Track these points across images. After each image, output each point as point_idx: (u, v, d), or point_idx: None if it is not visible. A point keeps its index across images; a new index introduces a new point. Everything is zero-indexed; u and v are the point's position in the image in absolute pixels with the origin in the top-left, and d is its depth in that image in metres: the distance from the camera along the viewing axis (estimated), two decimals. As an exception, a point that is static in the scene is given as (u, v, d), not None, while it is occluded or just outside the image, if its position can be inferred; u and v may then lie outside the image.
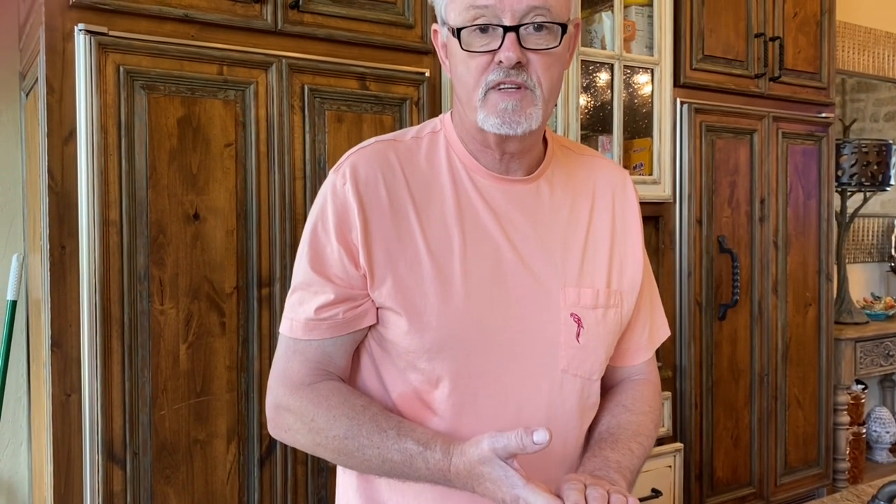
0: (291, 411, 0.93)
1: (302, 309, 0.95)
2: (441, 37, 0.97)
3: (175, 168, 1.66)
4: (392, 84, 1.92)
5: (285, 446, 1.80)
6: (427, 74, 1.96)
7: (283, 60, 1.78)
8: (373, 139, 1.01)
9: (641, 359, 1.10)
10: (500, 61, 0.88)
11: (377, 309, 0.95)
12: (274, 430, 0.98)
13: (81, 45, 1.56)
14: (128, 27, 1.62)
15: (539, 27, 0.89)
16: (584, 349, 0.95)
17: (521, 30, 0.88)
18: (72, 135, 1.58)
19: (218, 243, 1.72)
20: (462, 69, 0.91)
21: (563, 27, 0.90)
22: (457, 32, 0.89)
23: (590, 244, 0.99)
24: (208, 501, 1.71)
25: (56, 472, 1.59)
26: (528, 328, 0.93)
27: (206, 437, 1.71)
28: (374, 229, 0.93)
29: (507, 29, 0.87)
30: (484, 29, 0.88)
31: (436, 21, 0.98)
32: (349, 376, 1.00)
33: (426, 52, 1.98)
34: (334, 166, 0.99)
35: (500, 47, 0.88)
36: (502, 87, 0.89)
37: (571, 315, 0.95)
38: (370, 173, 0.95)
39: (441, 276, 0.91)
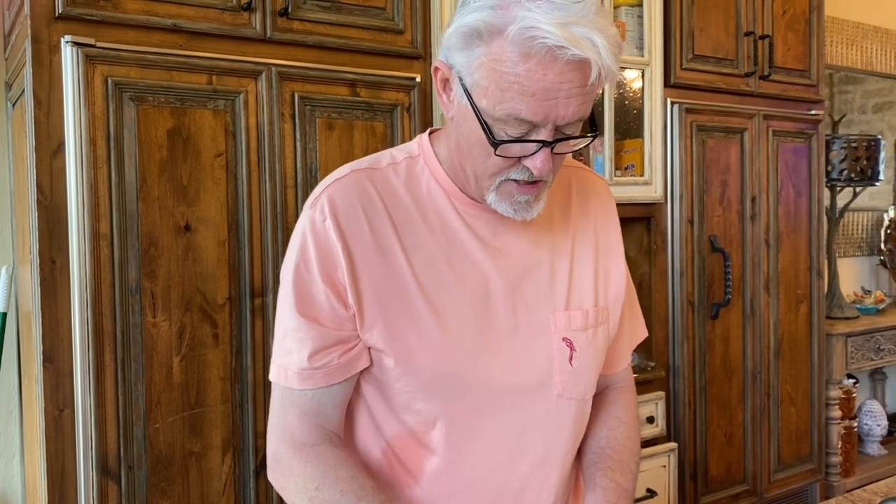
0: (294, 473, 0.90)
1: (293, 358, 0.90)
2: (452, 84, 0.87)
3: (165, 179, 1.65)
4: (383, 90, 1.91)
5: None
6: (418, 80, 1.95)
7: (273, 68, 1.77)
8: (347, 168, 0.96)
9: (623, 365, 1.10)
10: (528, 167, 0.83)
11: (369, 349, 0.92)
12: (273, 480, 0.95)
13: (68, 57, 1.54)
14: (115, 38, 1.60)
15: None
16: (577, 372, 0.95)
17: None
18: (60, 148, 1.56)
19: (210, 254, 1.70)
20: (480, 149, 0.85)
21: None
22: (485, 123, 0.82)
23: (576, 264, 0.98)
24: (204, 513, 1.71)
25: (50, 488, 1.58)
26: (522, 357, 0.92)
27: (201, 450, 1.70)
28: (360, 267, 0.89)
29: (545, 143, 0.82)
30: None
31: (443, 61, 0.87)
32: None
33: (416, 56, 1.97)
34: (309, 200, 0.94)
35: (531, 154, 0.83)
36: (521, 181, 0.86)
37: (563, 339, 0.94)
38: (350, 207, 0.90)
39: (434, 314, 0.88)
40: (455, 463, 0.91)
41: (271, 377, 0.94)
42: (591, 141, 0.88)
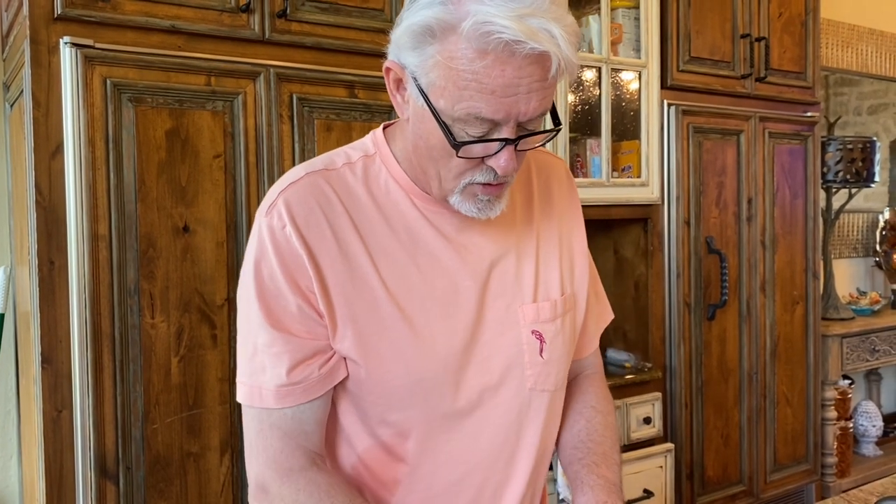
0: (286, 501, 0.84)
1: (268, 375, 0.85)
2: (405, 84, 0.84)
3: (164, 181, 1.65)
4: (380, 92, 1.91)
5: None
6: (416, 81, 1.96)
7: (271, 70, 1.77)
8: (300, 170, 0.90)
9: (592, 349, 1.09)
10: (492, 167, 0.81)
11: (345, 359, 0.88)
12: None
13: (67, 58, 1.54)
14: (114, 39, 1.61)
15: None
16: (548, 363, 0.93)
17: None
18: (59, 149, 1.56)
19: (208, 255, 1.71)
20: (441, 151, 0.82)
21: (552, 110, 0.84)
22: (444, 124, 0.79)
23: (541, 254, 0.95)
24: (202, 514, 1.71)
25: (48, 489, 1.58)
26: (493, 354, 0.90)
27: (199, 450, 1.70)
28: (327, 274, 0.85)
29: (508, 141, 0.79)
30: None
31: (395, 61, 0.83)
32: None
33: (414, 58, 1.97)
34: (263, 207, 0.88)
35: (494, 153, 0.80)
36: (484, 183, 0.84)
37: (533, 332, 0.92)
38: (309, 211, 0.85)
39: (404, 320, 0.86)
40: (431, 471, 0.89)
41: (240, 398, 0.88)
42: (555, 135, 0.85)
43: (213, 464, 1.72)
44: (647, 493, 2.41)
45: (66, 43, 1.54)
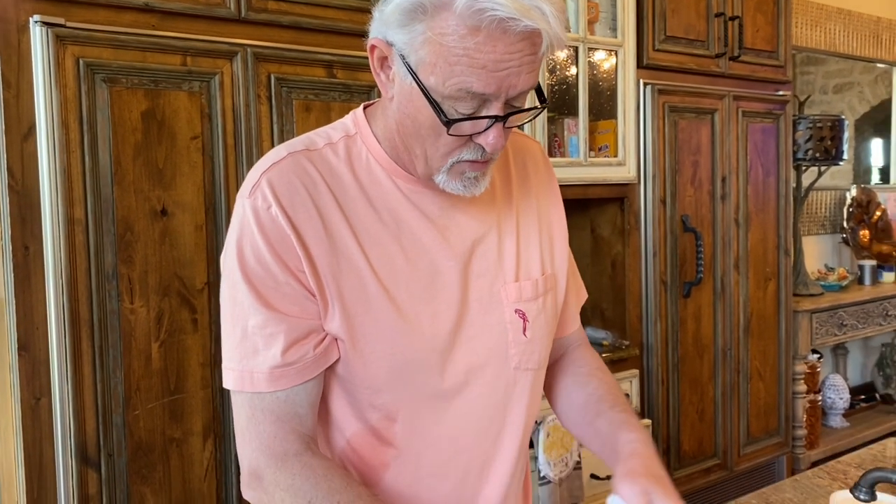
0: (281, 488, 0.82)
1: (261, 357, 0.83)
2: (391, 63, 0.83)
3: (140, 163, 1.62)
4: (359, 71, 1.89)
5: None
6: (394, 61, 1.94)
7: (248, 49, 1.74)
8: (282, 150, 0.89)
9: (576, 326, 1.11)
10: (480, 145, 0.82)
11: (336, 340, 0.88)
12: (251, 497, 0.87)
13: (38, 37, 1.50)
14: (86, 18, 1.56)
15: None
16: (531, 342, 0.94)
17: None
18: (31, 131, 1.52)
19: (187, 239, 1.68)
20: (429, 130, 0.82)
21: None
22: (434, 102, 0.79)
23: (521, 233, 0.96)
24: (186, 500, 1.70)
25: (28, 477, 1.55)
26: (478, 334, 0.90)
27: (181, 436, 1.68)
28: (315, 255, 0.84)
29: (497, 118, 0.80)
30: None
31: (380, 39, 0.82)
32: None
33: (393, 37, 1.95)
34: (245, 188, 0.87)
35: (484, 130, 0.80)
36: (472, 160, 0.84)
37: (516, 311, 0.92)
38: (294, 191, 0.84)
39: (389, 300, 0.86)
40: (419, 453, 0.89)
41: (229, 385, 0.86)
42: (541, 112, 0.86)
43: (196, 449, 1.71)
44: (626, 469, 2.44)
45: (35, 21, 1.50)
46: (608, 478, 2.38)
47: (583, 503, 2.31)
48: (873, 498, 0.90)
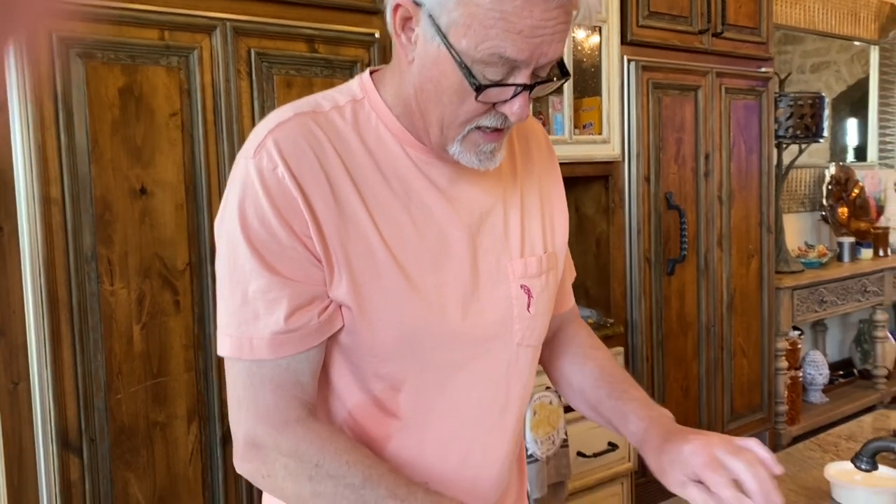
0: (284, 454, 0.80)
1: (262, 323, 0.79)
2: (415, 24, 0.80)
3: (118, 140, 1.57)
4: (342, 46, 1.85)
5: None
6: (377, 35, 1.90)
7: (228, 23, 1.69)
8: (288, 109, 0.85)
9: (572, 303, 1.11)
10: (503, 113, 0.80)
11: (340, 308, 0.85)
12: (249, 470, 0.83)
13: (8, 9, 1.44)
14: (58, -10, 1.51)
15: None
16: (535, 318, 0.93)
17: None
18: (2, 108, 1.47)
19: (167, 218, 1.64)
20: (452, 95, 0.79)
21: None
22: (464, 66, 0.76)
23: (526, 211, 0.95)
24: (171, 484, 1.67)
25: (7, 464, 1.52)
26: (485, 308, 0.89)
27: (165, 419, 1.65)
28: (322, 219, 0.80)
29: (525, 86, 0.78)
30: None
31: None
32: None
33: (375, 11, 1.91)
34: (249, 147, 0.83)
35: (509, 98, 0.78)
36: (489, 129, 0.81)
37: (522, 287, 0.91)
38: (301, 153, 0.81)
39: (398, 269, 0.83)
40: (423, 425, 0.87)
41: (225, 352, 0.81)
42: (565, 82, 0.85)
43: (181, 432, 1.67)
44: (612, 446, 2.45)
45: (6, -7, 1.44)
46: (595, 455, 2.39)
47: (569, 481, 2.31)
48: (874, 467, 0.89)
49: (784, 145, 3.58)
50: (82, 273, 1.54)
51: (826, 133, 3.61)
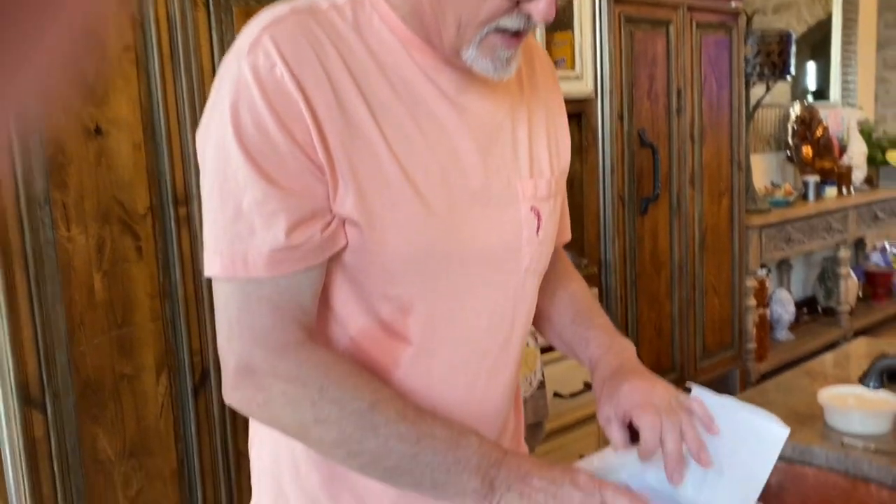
0: (282, 379, 0.73)
1: (259, 239, 0.72)
2: None
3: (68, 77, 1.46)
4: (304, -25, 1.75)
5: (219, 373, 1.70)
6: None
7: (181, -51, 1.58)
8: (285, 8, 0.76)
9: (569, 235, 1.06)
10: (528, 13, 0.74)
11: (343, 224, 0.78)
12: (241, 398, 0.76)
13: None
14: None
15: None
16: (542, 244, 0.89)
17: None
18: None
19: (125, 160, 1.54)
20: None
21: None
22: None
23: (533, 129, 0.89)
24: (141, 438, 1.61)
25: (-34, 423, 1.44)
26: (496, 228, 0.84)
27: (133, 371, 1.58)
28: (325, 125, 0.73)
29: None
30: None
31: None
32: None
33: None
34: (242, 45, 0.74)
35: None
36: (509, 32, 0.75)
37: (532, 209, 0.86)
38: (302, 52, 0.73)
39: (407, 181, 0.77)
40: (431, 351, 0.82)
41: (215, 271, 0.74)
42: None
43: (150, 385, 1.61)
44: (588, 387, 2.44)
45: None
46: (572, 395, 2.38)
47: (546, 421, 2.30)
48: (882, 385, 0.87)
49: (752, 83, 3.56)
50: (35, 219, 1.44)
51: (793, 70, 3.59)
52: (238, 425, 1.73)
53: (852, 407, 1.11)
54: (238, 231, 0.73)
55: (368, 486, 0.82)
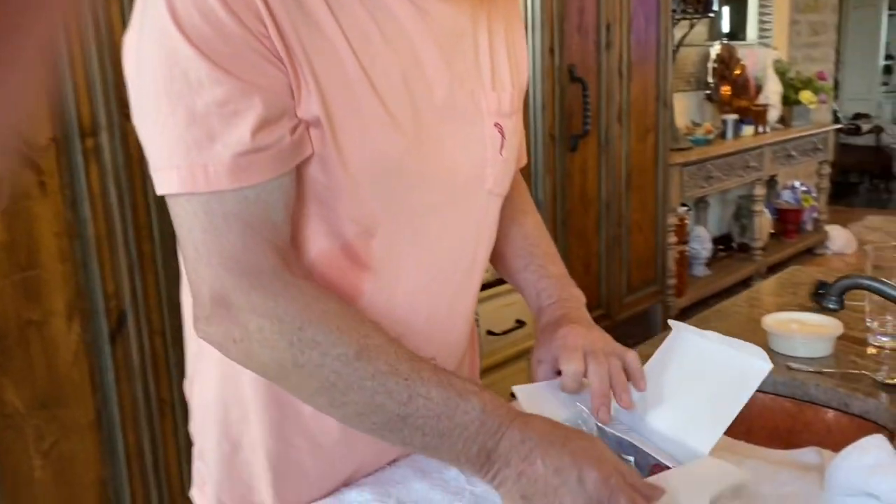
0: (258, 313, 0.65)
1: (221, 143, 0.63)
2: None
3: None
4: None
5: (138, 317, 1.59)
6: None
7: None
8: None
9: (525, 159, 1.01)
10: None
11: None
12: (215, 334, 0.68)
13: None
14: None
15: None
16: (506, 163, 0.83)
17: None
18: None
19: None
20: None
21: None
22: None
23: (494, 37, 0.83)
24: (54, 388, 1.49)
25: None
26: (460, 144, 0.77)
27: (41, 317, 1.46)
28: (279, 17, 0.64)
29: None
30: None
31: None
32: None
33: None
34: None
35: None
36: None
37: (496, 125, 0.80)
38: None
39: (371, 89, 0.69)
40: (394, 277, 0.76)
41: (171, 188, 0.64)
42: None
43: (60, 331, 1.49)
44: (520, 323, 2.44)
45: None
46: (504, 333, 2.37)
47: (480, 358, 2.29)
48: (842, 307, 0.87)
49: (674, 21, 3.56)
50: (-81, 150, 1.29)
51: (716, 8, 3.61)
52: (160, 371, 1.63)
53: (796, 332, 1.11)
54: (195, 137, 0.63)
55: (324, 430, 0.77)
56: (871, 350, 1.12)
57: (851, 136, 6.55)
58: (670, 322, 0.87)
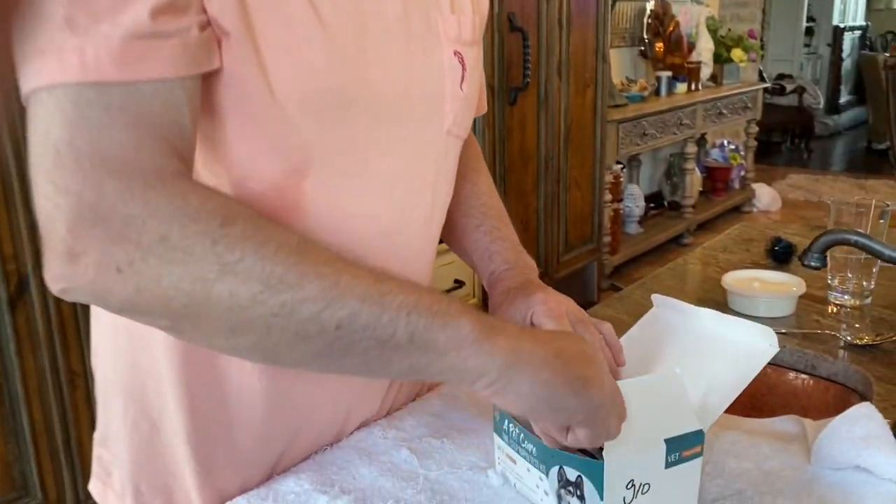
0: (158, 216, 0.48)
1: (109, 23, 0.48)
2: None
3: None
4: None
5: (41, 281, 1.44)
6: None
7: None
8: None
9: (485, 107, 0.91)
10: None
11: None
12: (86, 272, 0.48)
13: None
14: None
15: None
16: (466, 100, 0.72)
17: None
18: None
19: None
20: None
21: None
22: None
23: None
24: (-54, 361, 1.34)
25: None
26: (414, 78, 0.66)
27: (-74, 282, 1.29)
28: None
29: None
30: None
31: None
32: None
33: None
34: None
35: None
36: None
37: (455, 53, 0.69)
38: None
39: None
40: (333, 227, 0.64)
41: (41, 79, 0.48)
42: None
43: (-49, 298, 1.32)
44: (458, 283, 2.36)
45: None
46: (449, 290, 2.29)
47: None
48: (824, 264, 0.81)
49: (613, -27, 3.48)
50: None
51: (653, -40, 3.55)
52: (69, 340, 1.49)
53: (759, 291, 1.06)
54: (72, 17, 0.48)
55: (242, 400, 0.67)
56: (831, 308, 1.09)
57: (776, 95, 6.67)
58: (654, 297, 0.80)
